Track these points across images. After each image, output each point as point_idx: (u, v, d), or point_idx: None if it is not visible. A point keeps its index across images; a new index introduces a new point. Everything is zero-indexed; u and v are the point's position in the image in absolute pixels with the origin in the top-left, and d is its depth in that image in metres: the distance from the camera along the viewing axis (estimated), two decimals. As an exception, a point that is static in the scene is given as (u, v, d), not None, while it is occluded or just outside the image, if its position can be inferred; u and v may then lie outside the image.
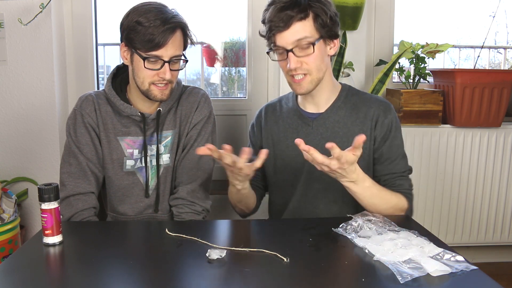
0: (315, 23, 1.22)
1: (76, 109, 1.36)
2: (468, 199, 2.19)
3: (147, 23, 1.19)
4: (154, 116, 1.34)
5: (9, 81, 1.99)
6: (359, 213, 1.16)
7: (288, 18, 1.19)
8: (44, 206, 1.02)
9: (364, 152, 1.30)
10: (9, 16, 1.94)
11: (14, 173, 2.05)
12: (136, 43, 1.22)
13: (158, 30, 1.19)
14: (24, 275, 0.91)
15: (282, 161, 1.40)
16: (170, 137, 1.38)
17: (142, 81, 1.27)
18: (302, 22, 1.20)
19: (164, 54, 1.22)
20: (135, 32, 1.21)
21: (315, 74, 1.25)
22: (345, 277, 0.88)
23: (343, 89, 1.36)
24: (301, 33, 1.21)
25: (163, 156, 1.37)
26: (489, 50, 2.53)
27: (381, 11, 2.22)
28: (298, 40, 1.21)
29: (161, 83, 1.26)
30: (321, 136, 1.33)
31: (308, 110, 1.37)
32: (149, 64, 1.23)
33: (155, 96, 1.28)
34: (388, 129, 1.31)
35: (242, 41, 2.31)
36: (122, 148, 1.35)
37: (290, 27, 1.20)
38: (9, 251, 1.82)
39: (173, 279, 0.90)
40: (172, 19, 1.22)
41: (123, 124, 1.35)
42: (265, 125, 1.44)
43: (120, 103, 1.32)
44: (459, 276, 0.87)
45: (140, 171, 1.37)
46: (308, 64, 1.23)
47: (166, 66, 1.23)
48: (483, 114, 2.09)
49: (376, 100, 1.34)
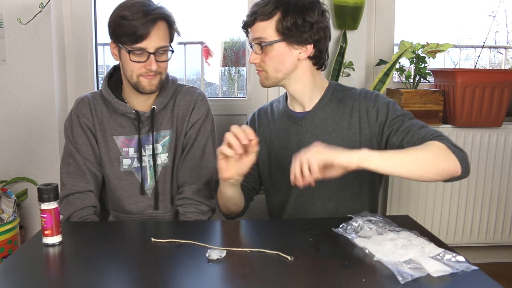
0: (277, 26, 1.24)
1: (73, 111, 1.38)
2: (468, 199, 2.19)
3: (130, 16, 1.22)
4: (148, 114, 1.35)
5: (8, 81, 1.99)
6: (359, 213, 1.16)
7: (253, 18, 1.25)
8: (44, 206, 1.02)
9: (354, 142, 1.29)
10: (8, 15, 1.93)
11: (14, 173, 2.05)
12: (121, 37, 1.25)
13: (140, 22, 1.21)
14: (23, 275, 0.91)
15: (276, 163, 1.40)
16: (168, 136, 1.38)
17: (130, 74, 1.28)
18: (263, 22, 1.24)
19: (148, 46, 1.24)
20: (119, 27, 1.24)
21: (271, 73, 1.29)
22: (345, 277, 0.88)
23: (329, 86, 1.37)
24: (258, 32, 1.26)
25: (161, 156, 1.38)
26: (489, 50, 2.53)
27: (381, 11, 2.21)
28: (256, 38, 1.27)
29: (149, 74, 1.27)
30: (311, 133, 1.34)
31: (296, 110, 1.38)
32: (135, 56, 1.25)
33: (144, 88, 1.29)
34: (386, 110, 1.28)
35: (242, 41, 2.31)
36: (118, 147, 1.36)
37: (254, 24, 1.26)
38: (9, 251, 1.82)
39: (173, 279, 0.90)
40: (154, 10, 1.24)
41: (119, 123, 1.36)
42: (258, 128, 1.45)
43: (115, 101, 1.34)
44: (460, 276, 0.87)
45: (137, 170, 1.37)
46: (264, 62, 1.28)
47: (151, 58, 1.25)
48: (484, 114, 2.09)
49: (361, 92, 1.34)
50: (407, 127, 1.23)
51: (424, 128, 1.22)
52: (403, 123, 1.25)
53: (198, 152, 1.39)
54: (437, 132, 1.18)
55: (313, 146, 1.06)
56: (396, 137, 1.24)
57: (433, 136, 1.15)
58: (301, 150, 1.28)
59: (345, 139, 1.31)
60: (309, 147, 1.05)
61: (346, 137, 1.31)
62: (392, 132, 1.26)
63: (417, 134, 1.20)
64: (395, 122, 1.27)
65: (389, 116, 1.28)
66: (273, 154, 1.41)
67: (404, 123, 1.25)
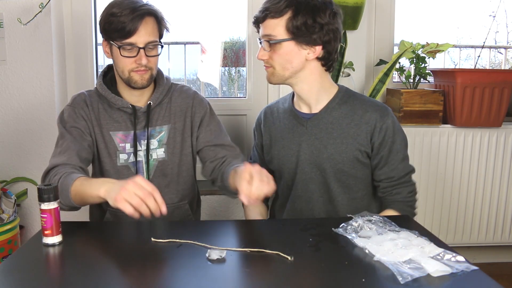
0: (287, 25, 1.24)
1: (69, 105, 1.39)
2: (468, 199, 2.19)
3: (118, 13, 1.26)
4: (145, 109, 1.38)
5: (8, 81, 1.99)
6: (359, 213, 1.16)
7: (265, 15, 1.27)
8: (44, 206, 1.02)
9: (357, 151, 1.31)
10: (8, 15, 1.93)
11: (14, 173, 2.05)
12: (111, 34, 1.28)
13: (128, 18, 1.25)
14: (23, 275, 0.91)
15: (278, 162, 1.41)
16: (164, 132, 1.41)
17: (122, 70, 1.32)
18: (274, 20, 1.25)
19: (137, 41, 1.27)
20: (109, 24, 1.27)
21: (278, 71, 1.30)
22: (345, 277, 0.88)
23: (339, 90, 1.36)
24: (268, 29, 1.27)
25: (157, 151, 1.40)
26: (489, 50, 2.53)
27: (381, 11, 2.21)
28: (266, 35, 1.28)
29: (140, 69, 1.30)
30: (315, 136, 1.34)
31: (303, 110, 1.38)
32: (125, 52, 1.29)
33: (135, 82, 1.32)
34: (386, 135, 1.31)
35: (242, 41, 2.30)
36: (115, 142, 1.38)
37: (265, 21, 1.27)
38: (9, 251, 1.82)
39: (173, 279, 0.90)
40: (141, 7, 1.28)
41: (115, 119, 1.38)
42: (264, 127, 1.46)
43: (111, 96, 1.36)
44: (460, 276, 0.87)
45: (133, 165, 1.40)
46: (272, 59, 1.29)
47: (141, 52, 1.28)
48: (484, 114, 2.09)
49: (373, 104, 1.34)
50: (391, 172, 1.33)
51: (402, 185, 1.34)
52: (391, 166, 1.33)
53: (216, 128, 1.46)
54: (410, 193, 1.35)
55: None
56: (380, 173, 1.34)
57: (399, 205, 1.33)
58: (302, 151, 1.28)
59: (349, 147, 1.31)
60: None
61: (351, 144, 1.31)
62: (379, 166, 1.34)
63: (393, 190, 1.34)
64: (387, 160, 1.33)
65: (386, 148, 1.32)
66: (276, 152, 1.41)
67: (392, 166, 1.33)
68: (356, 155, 1.31)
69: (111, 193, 1.04)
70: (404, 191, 1.34)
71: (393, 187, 1.34)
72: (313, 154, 1.34)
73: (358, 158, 1.32)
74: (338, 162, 1.32)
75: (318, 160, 1.33)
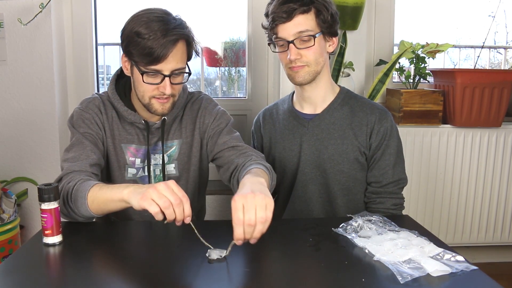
0: (316, 18, 1.24)
1: (81, 109, 1.28)
2: (468, 199, 2.19)
3: (146, 34, 1.11)
4: (158, 125, 1.29)
5: (9, 81, 1.99)
6: (359, 213, 1.16)
7: (291, 10, 1.22)
8: (44, 206, 1.02)
9: (357, 152, 1.31)
10: (9, 16, 1.93)
11: (14, 173, 2.05)
12: (135, 57, 1.15)
13: (158, 42, 1.10)
14: (24, 275, 0.91)
15: (279, 163, 1.41)
16: (174, 147, 1.33)
17: (142, 95, 1.21)
18: (304, 15, 1.23)
19: (164, 68, 1.14)
20: (134, 45, 1.13)
21: (313, 67, 1.28)
22: (345, 277, 0.88)
23: (341, 91, 1.37)
24: (303, 25, 1.24)
25: (167, 167, 1.33)
26: (489, 50, 2.53)
27: (381, 11, 2.22)
28: (299, 32, 1.24)
29: (162, 97, 1.19)
30: (316, 137, 1.34)
31: (304, 111, 1.38)
32: (148, 78, 1.16)
33: (155, 110, 1.22)
34: (382, 137, 1.32)
35: (242, 41, 2.31)
36: (126, 156, 1.31)
37: (293, 19, 1.23)
38: (9, 251, 1.82)
39: (173, 279, 0.90)
40: (174, 30, 1.13)
41: (128, 131, 1.30)
42: (264, 129, 1.46)
43: (123, 109, 1.27)
44: (459, 276, 0.87)
45: (142, 180, 1.33)
46: (307, 56, 1.26)
47: (166, 81, 1.16)
48: (483, 114, 2.09)
49: (374, 107, 1.34)
50: (380, 176, 1.32)
51: (387, 196, 1.33)
52: (381, 170, 1.32)
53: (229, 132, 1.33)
54: (395, 205, 1.33)
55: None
56: (370, 175, 1.34)
57: (390, 208, 1.33)
58: (303, 152, 1.27)
59: (349, 148, 1.31)
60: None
61: (351, 145, 1.32)
62: (370, 167, 1.34)
63: (376, 199, 1.33)
64: (379, 163, 1.33)
65: (380, 150, 1.32)
66: (276, 154, 1.41)
67: (383, 170, 1.32)
68: (356, 156, 1.32)
69: (136, 194, 0.96)
70: (388, 202, 1.32)
71: (378, 195, 1.33)
72: (314, 155, 1.34)
73: (358, 159, 1.32)
74: (339, 162, 1.32)
75: (319, 161, 1.34)
